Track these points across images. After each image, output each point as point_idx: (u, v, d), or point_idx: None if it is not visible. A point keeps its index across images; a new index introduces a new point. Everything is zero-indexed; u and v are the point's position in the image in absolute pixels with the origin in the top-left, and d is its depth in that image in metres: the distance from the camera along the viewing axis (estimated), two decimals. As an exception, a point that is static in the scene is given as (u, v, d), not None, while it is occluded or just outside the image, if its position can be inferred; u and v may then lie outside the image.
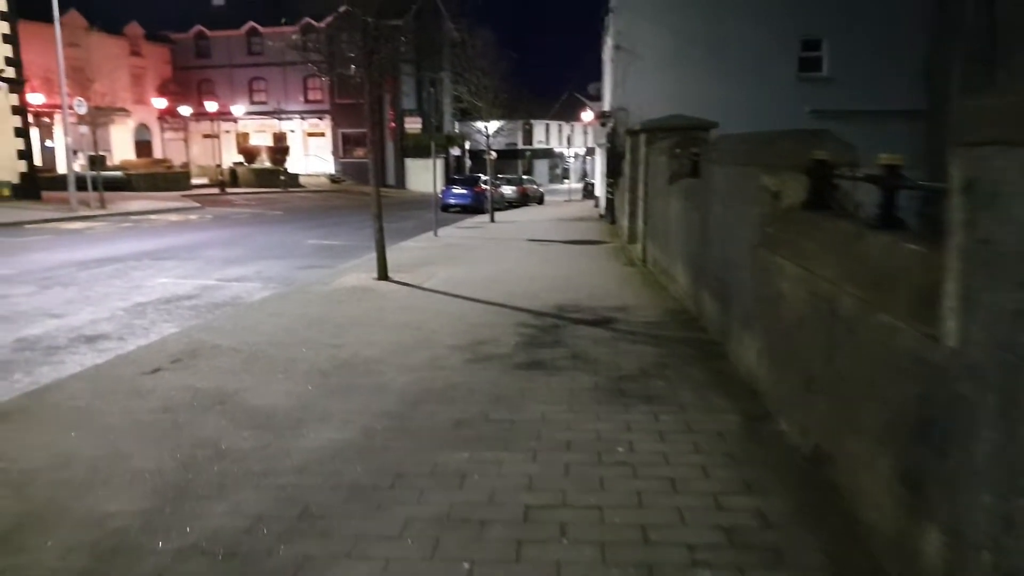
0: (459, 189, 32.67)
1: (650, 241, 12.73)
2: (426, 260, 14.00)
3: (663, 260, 11.09)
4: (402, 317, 8.53)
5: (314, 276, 12.42)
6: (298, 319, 8.49)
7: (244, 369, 6.44)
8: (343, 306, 9.26)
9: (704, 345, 6.89)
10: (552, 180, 75.11)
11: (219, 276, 12.85)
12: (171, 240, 18.54)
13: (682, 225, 9.19)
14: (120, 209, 26.87)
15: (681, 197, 9.24)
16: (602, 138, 27.79)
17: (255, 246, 17.39)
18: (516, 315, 8.55)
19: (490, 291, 10.32)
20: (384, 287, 10.79)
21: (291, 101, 57.54)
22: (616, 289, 10.37)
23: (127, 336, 8.39)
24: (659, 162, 11.58)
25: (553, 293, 10.08)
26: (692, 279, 8.42)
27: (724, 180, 6.62)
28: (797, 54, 24.62)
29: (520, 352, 6.79)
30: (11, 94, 27.83)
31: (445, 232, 20.31)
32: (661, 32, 24.59)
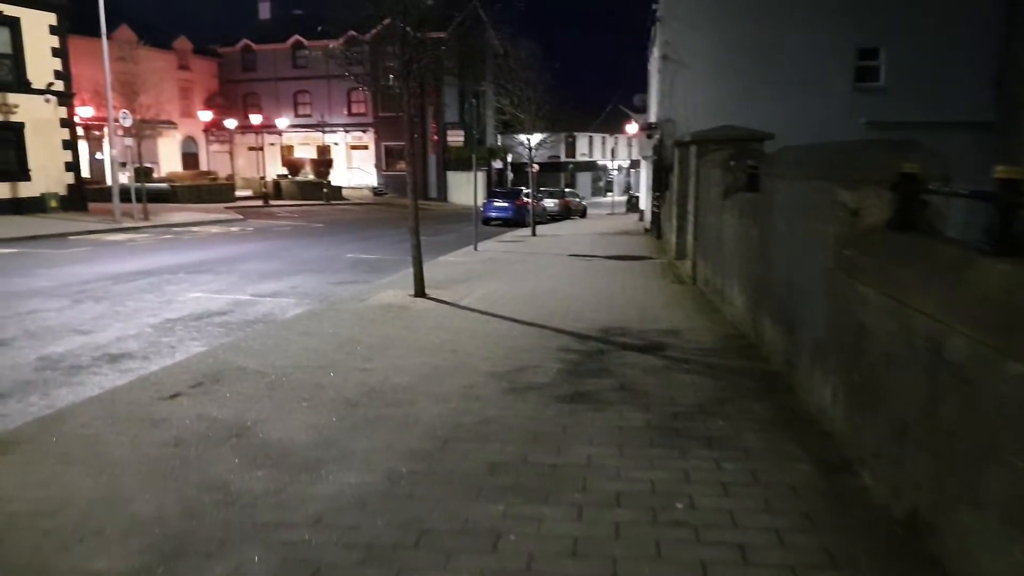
0: (500, 202, 32.22)
1: (701, 258, 12.11)
2: (465, 276, 13.53)
3: (715, 279, 10.47)
4: (437, 338, 8.04)
5: (350, 292, 12.01)
6: (329, 339, 8.04)
7: (267, 395, 5.99)
8: (376, 326, 8.80)
9: (767, 377, 6.27)
10: (595, 193, 74.52)
11: (253, 291, 12.51)
12: (210, 253, 18.34)
13: (738, 243, 8.57)
14: (163, 221, 26.91)
15: (737, 213, 8.63)
16: (648, 150, 27.17)
17: (293, 259, 17.09)
18: (558, 338, 8.01)
19: (530, 310, 9.80)
20: (420, 305, 10.32)
21: (335, 114, 57.84)
22: (665, 310, 9.77)
23: (152, 355, 8.03)
24: (711, 175, 10.97)
25: (597, 313, 9.52)
26: (750, 302, 7.80)
27: (790, 195, 6.02)
28: (853, 63, 23.72)
29: (562, 381, 6.23)
30: (60, 107, 28.09)
31: (485, 246, 19.85)
32: (709, 42, 23.93)
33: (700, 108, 22.82)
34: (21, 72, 26.88)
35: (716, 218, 10.39)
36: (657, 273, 14.04)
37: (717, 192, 10.32)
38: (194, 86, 57.32)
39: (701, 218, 12.13)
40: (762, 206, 7.16)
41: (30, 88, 27.09)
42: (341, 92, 57.50)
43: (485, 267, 15.00)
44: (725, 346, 7.53)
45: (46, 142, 27.71)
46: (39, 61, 27.44)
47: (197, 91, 57.39)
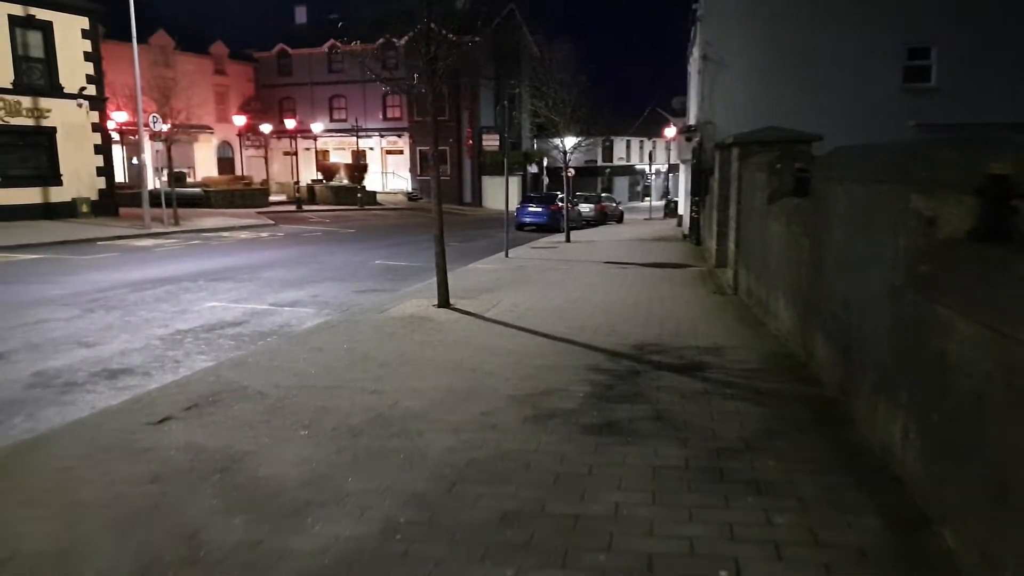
0: (534, 207, 31.59)
1: (743, 267, 11.39)
2: (493, 284, 12.94)
3: (759, 290, 9.75)
4: (457, 355, 7.45)
5: (372, 302, 11.49)
6: (341, 356, 7.50)
7: (264, 421, 5.45)
8: (394, 340, 8.23)
9: (820, 404, 5.57)
10: (632, 197, 73.58)
11: (273, 300, 12.04)
12: (235, 259, 17.99)
13: (785, 252, 7.87)
14: (193, 226, 26.73)
15: (784, 220, 7.93)
16: (687, 153, 26.38)
17: (319, 266, 16.64)
18: (587, 355, 7.37)
19: (559, 323, 9.17)
20: (443, 316, 9.74)
21: (370, 118, 57.72)
22: (705, 324, 9.08)
23: (154, 371, 7.55)
24: (755, 179, 10.26)
25: (631, 327, 8.86)
26: (799, 317, 7.10)
27: (848, 201, 5.32)
28: (902, 63, 22.70)
29: (590, 408, 5.59)
30: (92, 111, 28.08)
31: (517, 253, 19.26)
32: (751, 41, 23.11)
33: (741, 110, 22.04)
34: (53, 76, 26.90)
35: (760, 225, 9.69)
36: (696, 282, 13.32)
37: (761, 197, 9.62)
38: (230, 91, 57.60)
39: (743, 225, 11.42)
40: (814, 213, 6.46)
41: (62, 92, 27.11)
42: (376, 96, 57.39)
43: (515, 275, 14.40)
44: (771, 366, 6.83)
45: (78, 147, 27.72)
46: (71, 65, 27.45)
47: (233, 96, 57.66)
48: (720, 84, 23.68)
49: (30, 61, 26.39)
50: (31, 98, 26.35)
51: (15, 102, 25.77)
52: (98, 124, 28.51)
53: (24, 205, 25.83)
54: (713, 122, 23.36)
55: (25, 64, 26.19)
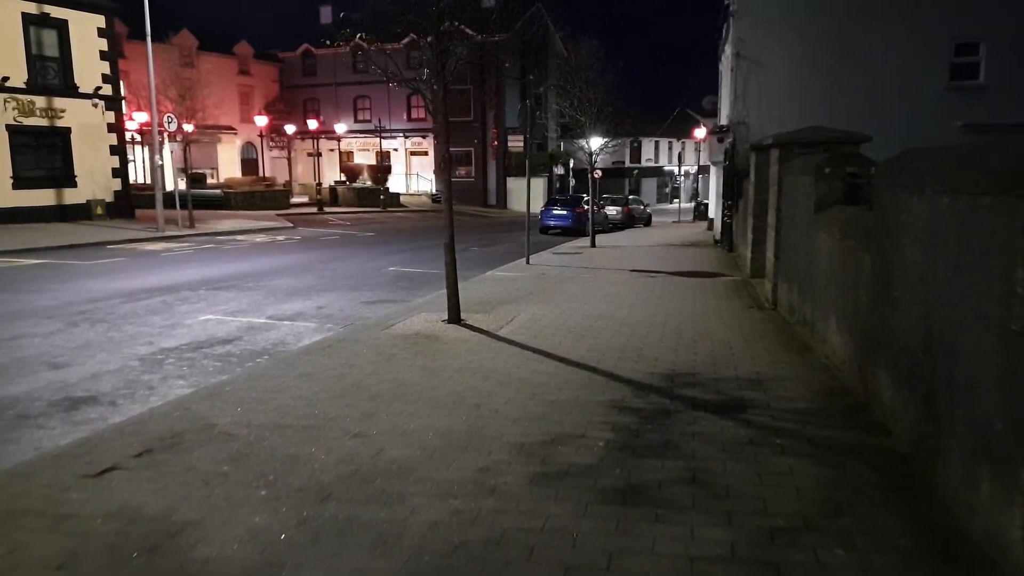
0: (559, 210, 30.62)
1: (783, 280, 10.37)
2: (510, 295, 12.02)
3: (803, 307, 8.73)
4: (461, 385, 6.52)
5: (379, 315, 10.63)
6: (330, 384, 6.61)
7: (222, 474, 4.57)
8: (392, 365, 7.33)
9: (892, 463, 4.56)
10: (661, 200, 72.37)
11: (273, 312, 11.21)
12: (244, 265, 17.23)
13: (837, 268, 6.86)
14: (208, 229, 26.10)
15: (837, 231, 6.91)
16: (718, 155, 25.27)
17: (330, 274, 15.82)
18: (610, 387, 6.41)
19: (580, 344, 8.22)
20: (451, 334, 8.83)
21: (395, 119, 57.07)
22: (744, 346, 8.07)
23: (121, 400, 6.72)
24: (798, 184, 9.24)
25: (661, 350, 7.89)
26: (857, 346, 6.09)
27: (930, 215, 4.33)
28: (949, 60, 21.45)
29: (612, 464, 4.64)
30: (108, 111, 27.53)
31: (539, 259, 18.33)
32: (787, 38, 21.98)
33: (776, 110, 20.99)
34: (68, 76, 26.38)
35: (804, 235, 8.67)
36: (731, 294, 12.30)
37: (806, 204, 8.60)
38: (254, 91, 57.23)
39: (783, 233, 10.39)
40: (880, 226, 5.45)
41: (77, 92, 26.59)
42: (401, 97, 56.72)
43: (535, 284, 13.46)
44: (825, 406, 5.82)
45: (93, 147, 27.19)
46: (87, 64, 26.93)
47: (257, 96, 57.28)
48: (754, 82, 22.59)
49: (45, 60, 25.89)
50: (45, 98, 25.85)
51: (29, 102, 25.28)
52: (114, 124, 27.97)
53: (38, 207, 25.33)
54: (746, 122, 22.29)
55: (39, 63, 25.69)
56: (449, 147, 10.10)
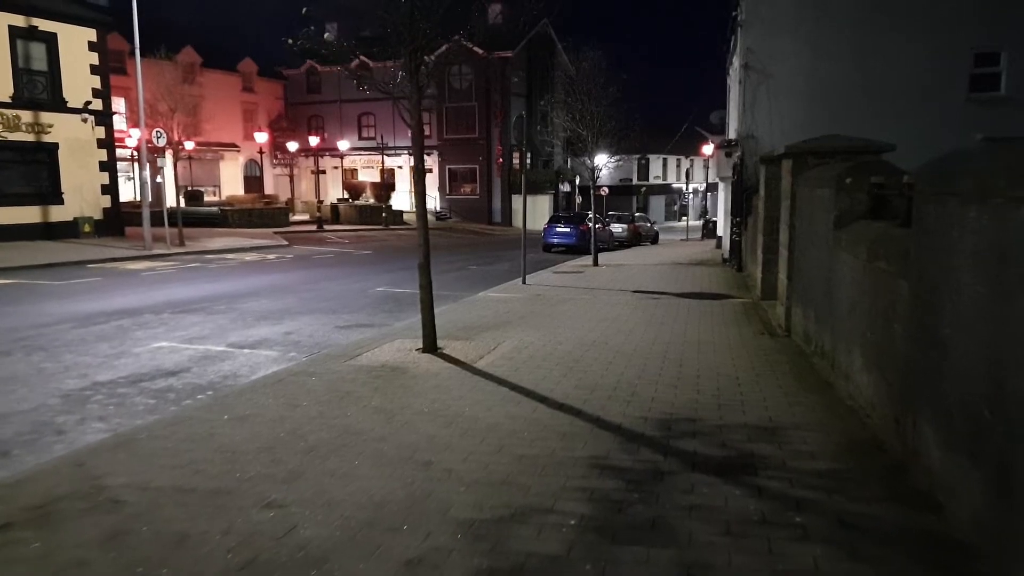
0: (562, 227, 29.59)
1: (797, 304, 9.31)
2: (500, 319, 10.99)
3: (821, 336, 7.67)
4: (415, 433, 5.49)
5: (350, 341, 9.64)
6: (262, 431, 5.58)
7: (81, 566, 3.55)
8: (344, 405, 6.31)
9: (950, 556, 3.49)
10: (669, 217, 71.35)
11: (236, 339, 10.21)
12: (224, 285, 16.26)
13: (865, 295, 5.80)
14: (199, 247, 25.19)
15: (862, 251, 5.86)
16: (726, 170, 24.20)
17: (311, 295, 14.82)
18: (594, 438, 5.36)
19: (567, 379, 7.18)
20: (423, 366, 7.80)
21: (399, 137, 56.29)
22: (754, 383, 7.00)
23: (17, 449, 5.73)
24: (815, 197, 8.20)
25: (659, 387, 6.83)
26: (891, 390, 5.03)
27: (998, 230, 3.29)
28: (968, 70, 20.39)
29: (582, 555, 3.57)
30: (97, 127, 26.70)
31: (537, 278, 17.32)
32: (798, 48, 20.99)
33: (786, 122, 19.99)
34: (56, 90, 25.55)
35: (823, 254, 7.63)
36: (740, 318, 11.24)
37: (824, 220, 7.57)
38: (258, 108, 56.63)
39: (798, 252, 9.34)
40: (922, 245, 4.41)
41: (66, 107, 25.75)
42: (405, 114, 55.93)
43: (528, 307, 12.43)
44: (855, 466, 4.74)
45: (82, 163, 26.34)
46: (76, 79, 26.12)
47: (261, 113, 56.66)
48: (763, 94, 21.58)
49: (32, 74, 25.09)
50: (32, 112, 25.03)
51: (14, 117, 24.45)
52: (104, 140, 27.11)
53: (22, 225, 24.45)
54: (755, 136, 21.27)
55: (26, 77, 24.89)
56: (423, 156, 9.11)
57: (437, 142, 54.65)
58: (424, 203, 8.85)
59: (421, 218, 8.77)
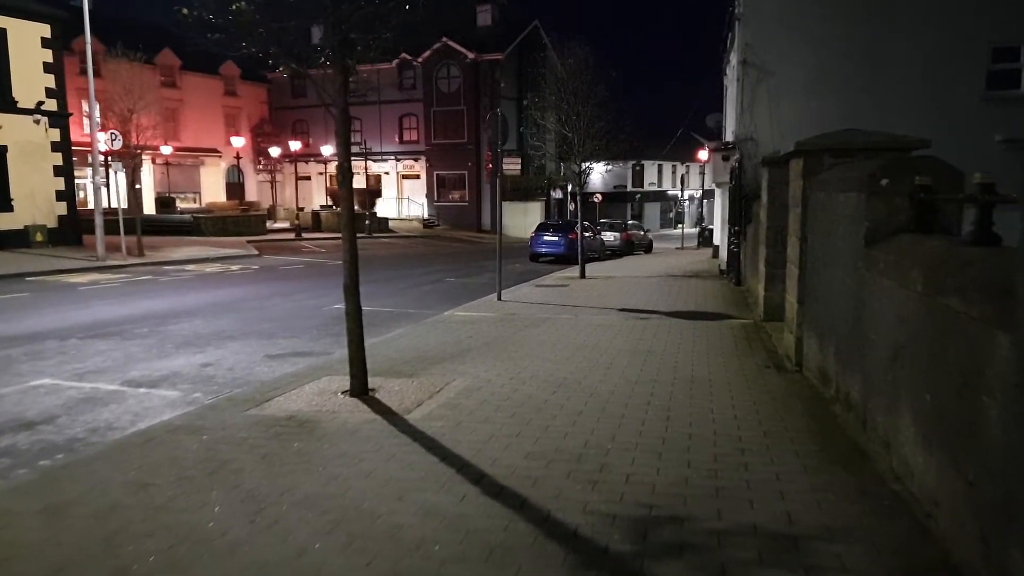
0: (550, 236, 27.94)
1: (811, 333, 7.65)
2: (459, 347, 9.34)
3: (846, 381, 6.00)
4: (279, 545, 3.82)
5: (271, 377, 8.02)
6: (68, 536, 3.93)
7: None
8: (209, 484, 4.64)
9: None
10: (664, 225, 69.82)
11: (139, 373, 8.55)
12: (162, 303, 14.58)
13: (923, 341, 4.14)
14: (158, 258, 23.51)
15: (916, 278, 4.20)
16: (723, 175, 22.54)
17: (255, 314, 13.16)
18: (534, 557, 3.69)
19: (519, 440, 5.52)
20: (341, 417, 6.14)
21: (387, 142, 54.74)
22: (762, 449, 5.32)
23: None
24: (835, 204, 6.56)
25: (636, 457, 5.16)
26: (976, 492, 3.37)
27: None
28: (985, 67, 18.81)
29: None
30: (52, 128, 24.98)
31: (515, 293, 15.68)
32: (800, 43, 19.37)
33: (788, 123, 18.34)
34: (5, 89, 23.81)
35: (847, 276, 5.98)
36: (740, 345, 9.58)
37: (849, 232, 5.93)
38: (241, 113, 54.97)
39: (812, 271, 7.69)
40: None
41: (15, 107, 24.01)
42: (393, 119, 54.48)
43: (497, 330, 10.78)
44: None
45: (34, 168, 24.60)
46: (28, 77, 24.38)
47: (244, 118, 55.00)
48: (763, 93, 19.96)
49: (-24, 71, 23.43)
50: (-25, 113, 23.35)
51: (-46, 117, 22.79)
52: (60, 143, 25.38)
53: (-36, 234, 22.76)
54: (755, 138, 19.65)
55: (-30, 75, 23.24)
56: (349, 150, 7.46)
57: (425, 147, 53.07)
58: (350, 208, 7.22)
59: (347, 227, 7.13)
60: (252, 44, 7.16)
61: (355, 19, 6.84)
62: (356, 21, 6.87)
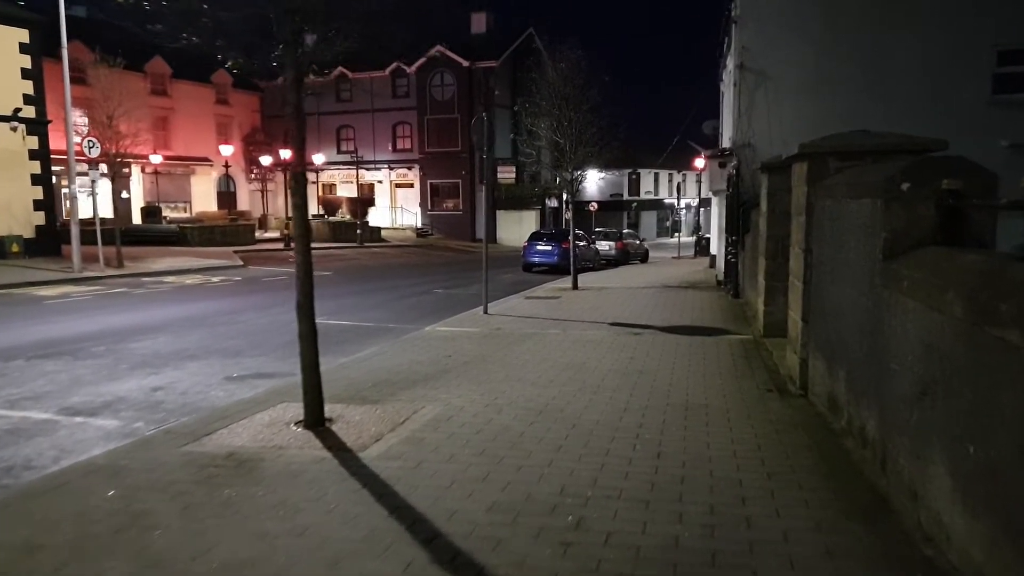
0: (543, 245, 27.23)
1: (817, 355, 6.92)
2: (435, 367, 8.61)
3: (860, 412, 5.27)
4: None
5: (225, 403, 7.29)
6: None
7: None
8: (111, 547, 3.91)
9: None
10: (661, 233, 69.11)
11: (81, 399, 7.80)
12: (129, 318, 13.84)
13: (965, 379, 3.41)
14: (138, 269, 22.75)
15: (954, 301, 3.48)
16: (720, 183, 21.84)
17: (225, 330, 12.42)
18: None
19: (485, 486, 4.78)
20: (287, 455, 5.41)
21: (380, 150, 54.10)
22: (766, 499, 4.57)
23: None
24: (846, 212, 5.84)
25: (620, 510, 4.42)
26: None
27: None
28: (991, 70, 18.14)
29: None
30: (29, 136, 24.23)
31: (503, 306, 14.96)
32: (799, 46, 18.70)
33: (786, 128, 17.63)
34: (-22, 96, 23.15)
35: (861, 293, 5.26)
36: (739, 364, 8.85)
37: (863, 243, 5.22)
38: (233, 121, 54.24)
39: (819, 286, 6.97)
40: None
41: (-8, 114, 23.33)
42: (386, 127, 53.86)
43: (479, 347, 10.05)
44: None
45: (11, 177, 23.83)
46: (5, 83, 23.65)
47: (236, 127, 54.25)
48: (760, 98, 19.28)
49: (-51, 78, 22.69)
50: (-53, 120, 22.60)
51: (-74, 125, 22.05)
52: (38, 151, 24.63)
53: (-65, 246, 21.99)
54: (752, 144, 18.95)
55: (-58, 81, 22.49)
56: (304, 152, 6.74)
57: (418, 155, 52.41)
58: (304, 216, 6.53)
59: (300, 238, 6.44)
60: (195, 35, 6.41)
61: (309, 6, 6.08)
62: (310, 9, 6.11)
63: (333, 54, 6.61)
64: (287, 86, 6.29)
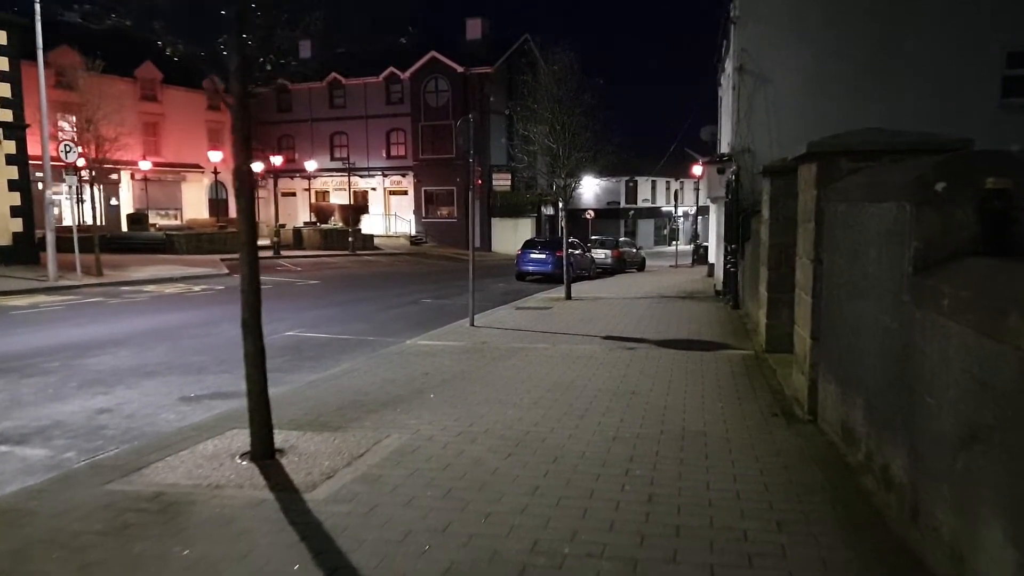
0: (537, 253, 26.52)
1: (829, 377, 6.19)
2: (408, 386, 7.89)
3: (883, 448, 4.54)
4: None
5: (173, 427, 6.60)
6: None
7: None
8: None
9: None
10: (658, 241, 68.43)
11: (14, 423, 7.09)
12: (96, 330, 13.10)
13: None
14: (118, 278, 22.00)
15: (1018, 325, 2.76)
16: (718, 189, 21.14)
17: (193, 343, 11.70)
18: None
19: (443, 539, 4.04)
20: (222, 497, 4.67)
21: (373, 157, 53.40)
22: (777, 557, 3.84)
23: None
24: (863, 217, 5.13)
25: (605, 567, 3.69)
26: None
27: None
28: (1001, 72, 17.48)
29: None
30: (7, 140, 23.49)
31: (491, 317, 14.26)
32: (800, 47, 18.02)
33: (787, 133, 16.91)
34: (-47, 99, 22.42)
35: (884, 312, 4.54)
36: (740, 384, 8.13)
37: (886, 254, 4.51)
38: (225, 128, 53.45)
39: (832, 299, 6.24)
40: None
41: (-36, 118, 22.60)
42: (380, 134, 53.17)
43: (460, 363, 9.33)
44: None
45: (-14, 183, 23.14)
46: (-20, 86, 23.00)
47: (228, 133, 53.44)
48: (760, 102, 18.59)
49: (-80, 80, 21.95)
50: (-78, 124, 21.86)
51: None
52: (15, 156, 23.88)
53: (-95, 255, 21.22)
54: (752, 149, 18.26)
55: (-86, 83, 21.76)
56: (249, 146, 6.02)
57: (412, 162, 51.69)
58: (249, 221, 5.79)
59: (245, 246, 5.70)
60: (125, 17, 5.69)
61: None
62: None
63: (287, 41, 5.90)
64: (231, 74, 5.55)
